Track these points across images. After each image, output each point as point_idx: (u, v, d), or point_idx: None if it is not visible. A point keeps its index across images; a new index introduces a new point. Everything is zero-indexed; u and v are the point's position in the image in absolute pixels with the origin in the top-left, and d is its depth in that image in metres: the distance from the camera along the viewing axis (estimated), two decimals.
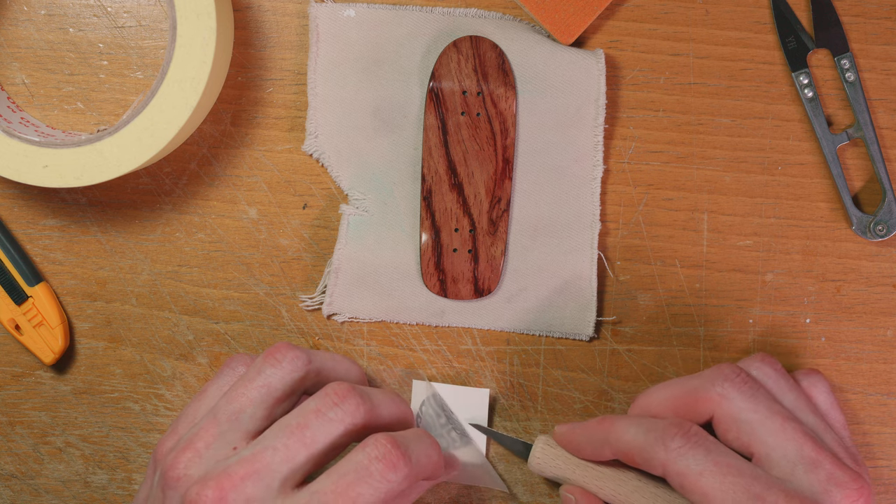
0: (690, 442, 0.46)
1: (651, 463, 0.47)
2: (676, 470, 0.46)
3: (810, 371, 0.52)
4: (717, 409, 0.48)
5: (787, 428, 0.47)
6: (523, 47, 0.54)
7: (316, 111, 0.55)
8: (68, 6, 0.55)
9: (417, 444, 0.47)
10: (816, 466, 0.46)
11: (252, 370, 0.48)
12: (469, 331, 0.56)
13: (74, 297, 0.56)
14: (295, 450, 0.44)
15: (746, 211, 0.55)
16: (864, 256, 0.55)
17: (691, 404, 0.48)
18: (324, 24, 0.55)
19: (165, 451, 0.47)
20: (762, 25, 0.55)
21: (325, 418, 0.45)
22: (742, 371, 0.48)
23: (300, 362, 0.48)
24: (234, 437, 0.46)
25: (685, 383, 0.49)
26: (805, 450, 0.46)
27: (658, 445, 0.46)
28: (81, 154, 0.51)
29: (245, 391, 0.47)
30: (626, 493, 0.50)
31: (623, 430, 0.48)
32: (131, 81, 0.55)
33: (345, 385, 0.47)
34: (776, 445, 0.46)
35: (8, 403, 0.56)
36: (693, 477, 0.45)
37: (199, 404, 0.49)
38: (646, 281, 0.56)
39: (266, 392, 0.47)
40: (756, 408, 0.47)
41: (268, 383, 0.47)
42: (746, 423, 0.47)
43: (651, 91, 0.55)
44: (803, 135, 0.55)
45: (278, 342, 0.49)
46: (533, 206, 0.55)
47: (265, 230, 0.56)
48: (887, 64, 0.55)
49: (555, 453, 0.52)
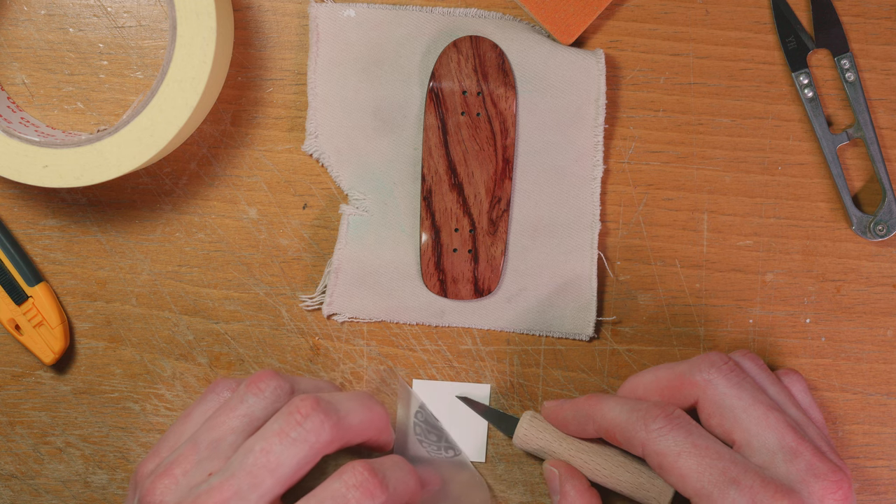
0: (671, 424, 0.47)
1: (632, 442, 0.48)
2: (655, 450, 0.47)
3: (789, 371, 0.52)
4: (701, 394, 0.48)
5: (770, 417, 0.47)
6: (523, 47, 0.54)
7: (316, 111, 0.55)
8: (68, 6, 0.55)
9: (394, 471, 0.47)
10: (796, 456, 0.46)
11: (235, 398, 0.47)
12: (469, 331, 0.56)
13: (74, 297, 0.56)
14: (261, 477, 0.44)
15: (746, 211, 0.55)
16: (864, 256, 0.55)
17: (677, 388, 0.49)
18: (324, 24, 0.55)
19: (146, 473, 0.47)
20: (762, 25, 0.55)
21: (289, 440, 0.44)
22: (729, 359, 0.49)
23: (283, 392, 0.47)
24: (213, 465, 0.45)
25: (673, 368, 0.50)
26: (786, 439, 0.46)
27: (639, 425, 0.47)
28: (81, 154, 0.51)
29: (226, 419, 0.46)
30: (610, 467, 0.51)
31: (608, 408, 0.49)
32: (131, 81, 0.55)
33: (308, 401, 0.45)
34: (758, 433, 0.47)
35: (8, 403, 0.56)
36: (671, 457, 0.46)
37: (182, 427, 0.49)
38: (646, 281, 0.56)
39: (247, 421, 0.46)
40: (740, 395, 0.48)
41: (249, 412, 0.46)
42: (730, 410, 0.47)
43: (651, 91, 0.55)
44: (803, 135, 0.55)
45: (262, 370, 0.48)
46: (533, 206, 0.55)
47: (265, 230, 0.56)
48: (887, 64, 0.55)
49: (542, 426, 0.53)
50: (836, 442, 0.56)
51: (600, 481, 0.51)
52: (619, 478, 0.51)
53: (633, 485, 0.50)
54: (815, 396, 0.56)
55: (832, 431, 0.56)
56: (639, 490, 0.50)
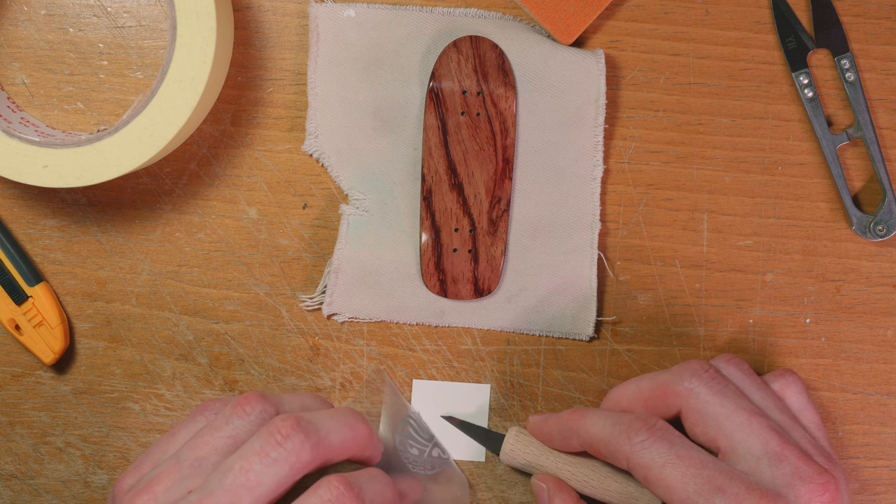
0: (654, 436, 0.47)
1: (616, 456, 0.47)
2: (639, 463, 0.47)
3: (785, 371, 0.52)
4: (684, 403, 0.48)
5: (753, 422, 0.47)
6: (523, 47, 0.54)
7: (316, 111, 0.55)
8: (68, 6, 0.55)
9: (371, 484, 0.46)
10: (781, 461, 0.46)
11: (220, 419, 0.47)
12: (469, 331, 0.56)
13: (74, 297, 0.56)
14: (239, 495, 0.44)
15: (746, 211, 0.55)
16: (864, 256, 0.55)
17: (660, 398, 0.49)
18: (324, 24, 0.55)
19: (124, 488, 0.47)
20: (762, 25, 0.55)
21: (269, 459, 0.44)
22: (710, 367, 0.49)
23: (268, 415, 0.47)
24: (193, 483, 0.45)
25: (654, 378, 0.50)
26: (770, 444, 0.46)
27: (622, 438, 0.47)
28: (81, 154, 0.51)
29: (210, 439, 0.46)
30: (597, 478, 0.51)
31: (591, 422, 0.49)
32: (131, 81, 0.55)
33: (289, 421, 0.45)
34: (741, 440, 0.47)
35: (8, 403, 0.56)
36: (656, 469, 0.46)
37: (166, 446, 0.48)
38: (646, 281, 0.56)
39: (232, 443, 0.46)
40: (723, 402, 0.48)
41: (234, 434, 0.46)
42: (713, 418, 0.47)
43: (651, 91, 0.55)
44: (803, 135, 0.55)
45: (249, 392, 0.48)
46: (533, 206, 0.55)
47: (265, 230, 0.56)
48: (887, 64, 0.55)
49: (528, 440, 0.53)
50: (835, 442, 0.56)
51: (589, 493, 0.51)
52: (607, 488, 0.50)
53: (621, 494, 0.50)
54: (815, 396, 0.56)
55: (832, 431, 0.56)
56: (628, 499, 0.50)
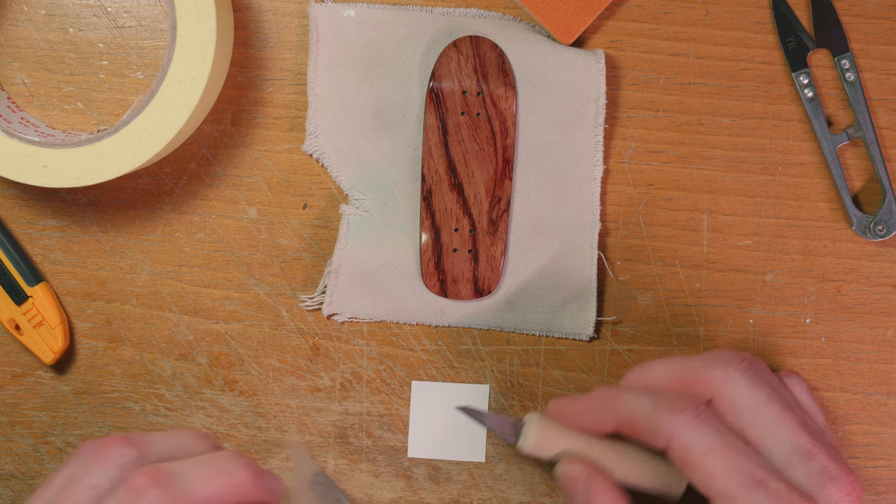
0: (700, 418, 0.45)
1: (656, 434, 0.46)
2: (683, 444, 0.45)
3: (790, 372, 0.51)
4: (717, 391, 0.47)
5: (785, 417, 0.46)
6: (523, 47, 0.54)
7: (316, 111, 0.55)
8: (68, 6, 0.55)
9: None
10: (811, 458, 0.45)
11: (80, 469, 0.43)
12: (469, 331, 0.56)
13: (74, 297, 0.56)
14: None
15: (746, 211, 0.55)
16: (864, 256, 0.55)
17: (691, 384, 0.48)
18: (324, 24, 0.55)
19: None
20: (762, 25, 0.55)
21: None
22: (746, 356, 0.48)
23: (129, 459, 0.43)
24: None
25: (686, 362, 0.48)
26: (801, 440, 0.45)
27: (666, 416, 0.45)
28: (81, 154, 0.51)
29: (73, 492, 0.42)
30: (628, 462, 0.49)
31: (630, 398, 0.47)
32: (131, 81, 0.55)
33: (145, 476, 0.41)
34: (773, 434, 0.46)
35: (8, 403, 0.56)
36: (699, 453, 0.45)
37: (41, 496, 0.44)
38: (646, 281, 0.56)
39: (94, 494, 0.42)
40: (756, 394, 0.46)
41: (96, 485, 0.42)
42: (745, 408, 0.46)
43: (651, 91, 0.55)
44: (803, 135, 0.55)
45: (108, 437, 0.44)
46: (533, 206, 0.55)
47: (265, 230, 0.56)
48: (887, 64, 0.55)
49: (553, 425, 0.49)
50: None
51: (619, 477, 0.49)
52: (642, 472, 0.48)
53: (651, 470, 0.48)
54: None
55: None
56: (656, 477, 0.48)
